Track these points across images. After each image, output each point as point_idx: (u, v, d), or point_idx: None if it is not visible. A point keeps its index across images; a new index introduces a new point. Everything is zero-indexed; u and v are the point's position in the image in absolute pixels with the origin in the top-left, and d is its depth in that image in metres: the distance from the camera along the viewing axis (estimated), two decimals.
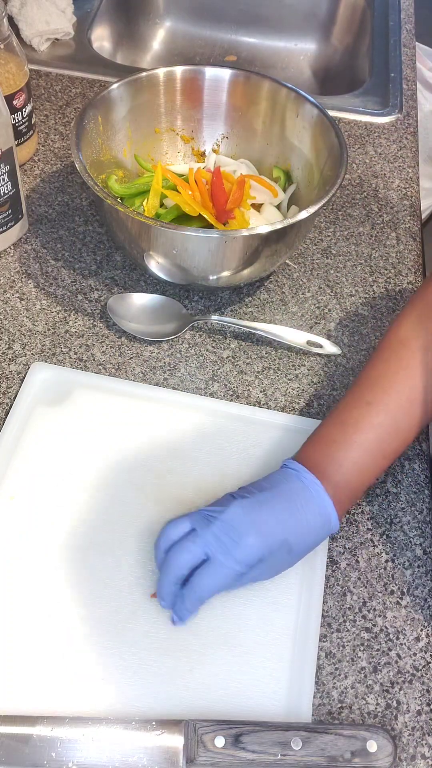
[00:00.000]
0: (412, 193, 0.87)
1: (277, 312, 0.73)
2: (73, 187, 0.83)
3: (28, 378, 0.64)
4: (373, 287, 0.76)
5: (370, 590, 0.56)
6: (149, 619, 0.52)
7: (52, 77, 0.97)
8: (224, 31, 1.23)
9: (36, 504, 0.57)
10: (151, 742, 0.46)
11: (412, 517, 0.60)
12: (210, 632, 0.52)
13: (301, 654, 0.51)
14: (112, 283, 0.74)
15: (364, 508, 0.60)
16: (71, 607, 0.52)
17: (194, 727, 0.46)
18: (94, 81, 0.97)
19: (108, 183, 0.74)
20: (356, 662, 0.52)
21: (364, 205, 0.85)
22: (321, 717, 0.50)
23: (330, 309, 0.74)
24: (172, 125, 0.80)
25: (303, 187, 0.77)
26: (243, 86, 0.78)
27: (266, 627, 0.52)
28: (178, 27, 1.23)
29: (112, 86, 0.74)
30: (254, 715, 0.49)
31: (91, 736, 0.46)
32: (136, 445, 0.61)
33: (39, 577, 0.53)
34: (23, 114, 0.80)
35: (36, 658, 0.50)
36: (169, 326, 0.70)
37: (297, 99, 0.75)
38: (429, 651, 0.53)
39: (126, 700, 0.49)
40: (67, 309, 0.71)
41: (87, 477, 0.59)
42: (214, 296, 0.74)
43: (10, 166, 0.70)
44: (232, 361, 0.69)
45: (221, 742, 0.45)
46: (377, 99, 0.99)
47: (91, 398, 0.64)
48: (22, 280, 0.74)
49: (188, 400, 0.65)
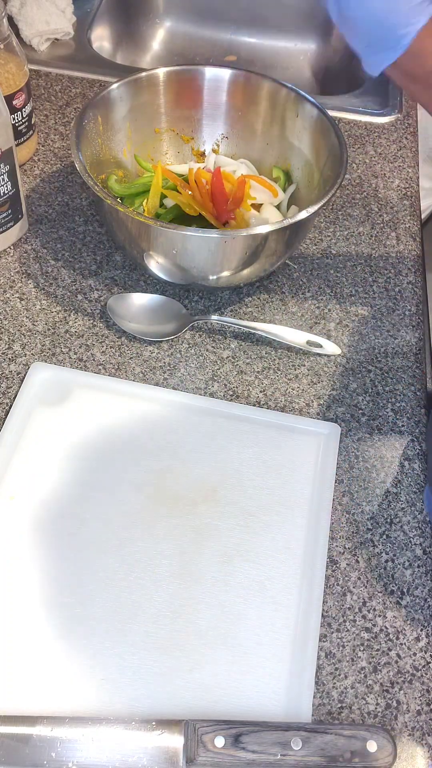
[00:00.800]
0: (412, 193, 0.87)
1: (277, 312, 0.73)
2: (73, 187, 0.83)
3: (28, 378, 0.64)
4: (373, 287, 0.76)
5: (370, 590, 0.56)
6: (149, 619, 0.52)
7: (52, 77, 0.97)
8: (224, 31, 1.23)
9: (36, 504, 0.57)
10: (151, 743, 0.46)
11: (412, 517, 0.60)
12: (210, 632, 0.52)
13: (301, 654, 0.51)
14: (111, 283, 0.74)
15: (364, 508, 0.60)
16: (71, 607, 0.52)
17: (194, 727, 0.46)
18: (93, 81, 0.97)
19: (108, 183, 0.74)
20: (356, 662, 0.52)
21: (364, 205, 0.85)
22: (321, 717, 0.50)
23: (330, 309, 0.74)
24: (172, 125, 0.80)
25: (303, 187, 0.77)
26: (243, 86, 0.78)
27: (266, 627, 0.52)
28: (178, 27, 1.23)
29: (112, 86, 0.74)
30: (254, 715, 0.49)
31: (91, 736, 0.46)
32: (135, 446, 0.61)
33: (39, 577, 0.53)
34: (23, 114, 0.80)
35: (36, 658, 0.50)
36: (168, 326, 0.70)
37: (297, 99, 0.75)
38: (429, 651, 0.53)
39: (126, 700, 0.49)
40: (66, 309, 0.72)
41: (86, 477, 0.59)
42: (214, 296, 0.74)
43: (10, 166, 0.70)
44: (232, 361, 0.69)
45: (221, 742, 0.45)
46: (377, 99, 0.99)
47: (91, 398, 0.64)
48: (22, 280, 0.74)
49: (188, 400, 0.65)
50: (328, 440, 0.63)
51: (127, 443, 0.61)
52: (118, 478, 0.59)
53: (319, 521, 0.58)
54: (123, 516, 0.57)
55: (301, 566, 0.55)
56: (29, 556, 0.55)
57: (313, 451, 0.62)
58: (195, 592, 0.54)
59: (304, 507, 0.58)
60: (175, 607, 0.53)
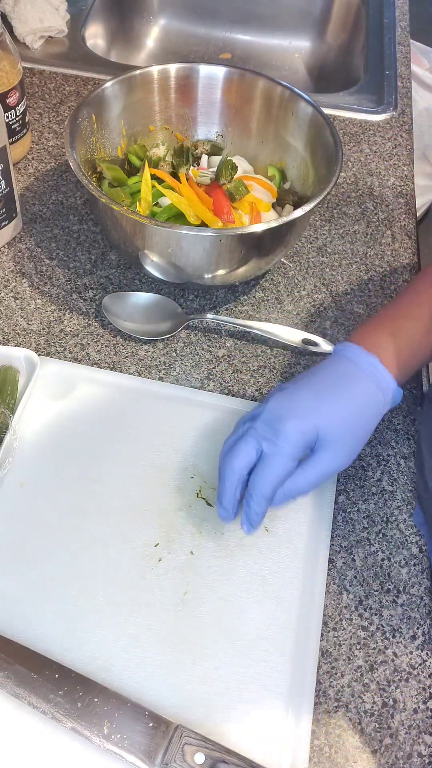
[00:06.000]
0: (407, 191, 0.87)
1: (272, 310, 0.73)
2: (67, 185, 0.83)
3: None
4: (368, 285, 0.76)
5: (366, 588, 0.56)
6: (152, 612, 0.52)
7: (46, 75, 0.97)
8: (219, 29, 1.22)
9: (43, 492, 0.58)
10: (138, 728, 0.46)
11: (408, 515, 0.60)
12: (212, 625, 0.52)
13: (303, 648, 0.51)
14: (107, 282, 0.74)
15: (360, 507, 0.60)
16: (75, 600, 0.53)
17: (181, 734, 0.46)
18: (88, 79, 0.97)
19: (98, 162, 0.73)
20: (353, 661, 0.52)
21: (359, 203, 0.85)
22: (318, 716, 0.50)
23: (325, 307, 0.74)
24: (166, 123, 0.80)
25: (298, 185, 0.76)
26: (237, 84, 0.78)
27: (268, 621, 0.53)
28: (173, 25, 1.23)
29: (106, 84, 0.73)
30: (254, 714, 0.49)
31: (86, 702, 0.47)
32: (140, 441, 0.61)
33: (40, 573, 0.54)
34: (17, 112, 0.79)
35: (39, 647, 0.50)
36: (164, 325, 0.70)
37: (292, 97, 0.75)
38: (425, 649, 0.53)
39: (128, 693, 0.49)
40: (61, 308, 0.71)
41: (92, 470, 0.59)
42: (210, 295, 0.74)
43: (4, 164, 0.70)
44: (227, 360, 0.69)
45: (200, 759, 0.45)
46: (372, 97, 0.99)
47: (94, 391, 0.64)
48: (17, 279, 0.73)
49: (189, 394, 0.65)
50: None
51: (131, 438, 0.61)
52: (122, 472, 0.59)
53: (321, 516, 0.58)
54: (126, 510, 0.57)
55: (303, 561, 0.55)
56: (37, 544, 0.55)
57: None
58: (197, 585, 0.54)
59: (307, 502, 0.59)
60: (177, 601, 0.53)
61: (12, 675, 0.47)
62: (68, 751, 0.46)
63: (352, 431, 0.52)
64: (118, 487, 0.58)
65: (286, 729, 0.48)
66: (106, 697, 0.47)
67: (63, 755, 0.46)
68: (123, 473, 0.59)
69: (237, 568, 0.55)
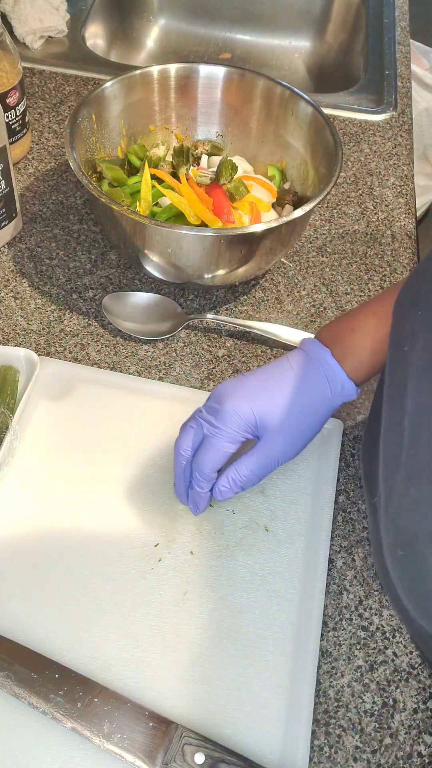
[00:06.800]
0: (407, 191, 0.87)
1: (272, 310, 0.73)
2: (67, 185, 0.83)
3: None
4: (368, 285, 0.76)
5: (366, 589, 0.56)
6: (152, 612, 0.52)
7: (46, 75, 0.97)
8: (218, 29, 1.23)
9: (43, 493, 0.58)
10: (139, 729, 0.46)
11: None
12: (212, 625, 0.52)
13: (303, 648, 0.51)
14: (107, 282, 0.74)
15: (360, 507, 0.60)
16: (75, 600, 0.53)
17: (181, 734, 0.46)
18: (88, 79, 0.97)
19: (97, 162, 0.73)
20: (353, 661, 0.52)
21: (359, 203, 0.85)
22: (318, 716, 0.50)
23: (325, 307, 0.74)
24: (166, 123, 0.80)
25: (298, 185, 0.76)
26: (237, 84, 0.78)
27: (268, 621, 0.53)
28: (172, 24, 1.23)
29: (106, 84, 0.73)
30: (255, 713, 0.49)
31: (85, 701, 0.47)
32: (140, 441, 0.61)
33: (41, 570, 0.54)
34: (17, 112, 0.79)
35: (39, 647, 0.50)
36: (164, 325, 0.70)
37: (292, 97, 0.75)
38: None
39: (129, 693, 0.49)
40: (61, 308, 0.71)
41: (92, 470, 0.59)
42: (210, 295, 0.74)
43: (4, 164, 0.70)
44: (227, 360, 0.69)
45: (200, 759, 0.45)
46: (372, 97, 0.99)
47: (94, 391, 0.64)
48: (17, 279, 0.73)
49: (189, 394, 0.65)
50: (330, 435, 0.63)
51: (133, 438, 0.61)
52: (122, 473, 0.59)
53: (322, 516, 0.58)
54: (126, 509, 0.57)
55: (303, 561, 0.55)
56: (37, 544, 0.55)
57: (316, 446, 0.62)
58: (197, 585, 0.54)
59: (307, 501, 0.59)
60: (178, 601, 0.53)
61: (12, 675, 0.47)
62: (68, 751, 0.46)
63: (292, 420, 0.52)
64: (118, 487, 0.58)
65: (286, 729, 0.48)
66: (106, 697, 0.47)
67: (63, 755, 0.46)
68: (123, 473, 0.59)
69: (237, 568, 0.55)
